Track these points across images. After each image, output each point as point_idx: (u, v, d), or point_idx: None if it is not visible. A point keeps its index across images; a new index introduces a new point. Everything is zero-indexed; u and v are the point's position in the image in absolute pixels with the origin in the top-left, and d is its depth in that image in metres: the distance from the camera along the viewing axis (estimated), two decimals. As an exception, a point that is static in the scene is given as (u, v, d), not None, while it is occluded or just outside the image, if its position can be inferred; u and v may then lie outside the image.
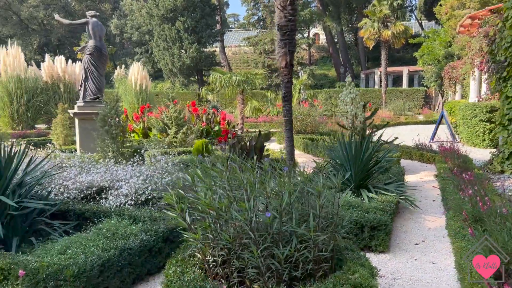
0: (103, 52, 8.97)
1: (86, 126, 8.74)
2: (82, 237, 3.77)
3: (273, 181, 3.12)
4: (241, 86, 13.05)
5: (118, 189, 4.95)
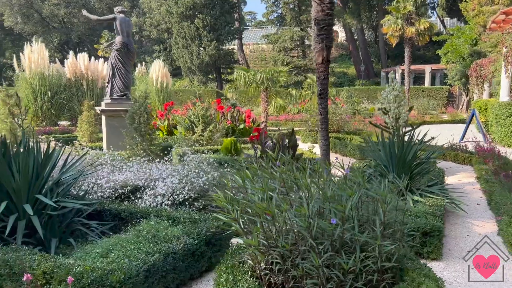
0: (130, 49, 8.87)
1: (113, 123, 8.66)
2: (121, 239, 3.62)
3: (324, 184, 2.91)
4: (265, 83, 12.84)
5: (153, 189, 4.79)
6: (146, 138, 7.40)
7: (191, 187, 4.72)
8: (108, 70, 8.80)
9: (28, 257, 3.09)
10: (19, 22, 43.98)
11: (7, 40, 47.72)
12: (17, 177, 3.71)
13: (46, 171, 3.95)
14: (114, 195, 4.88)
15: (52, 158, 4.02)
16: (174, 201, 4.59)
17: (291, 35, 34.30)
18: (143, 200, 4.70)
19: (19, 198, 3.69)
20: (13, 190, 3.66)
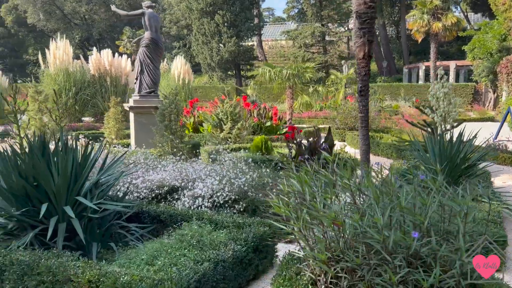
0: (159, 44, 8.71)
1: (141, 120, 8.53)
2: (165, 244, 3.44)
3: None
4: (291, 80, 12.57)
5: (191, 190, 4.60)
6: (176, 136, 7.23)
7: (231, 188, 4.51)
8: (137, 66, 8.66)
9: (71, 264, 2.92)
10: (41, 19, 44.54)
11: (30, 37, 48.43)
12: (57, 178, 3.55)
13: (84, 171, 3.79)
14: (151, 195, 4.71)
15: (90, 157, 3.86)
16: (214, 203, 4.39)
17: (312, 31, 33.83)
18: (182, 201, 4.51)
19: (59, 200, 3.53)
20: (53, 191, 3.50)
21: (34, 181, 3.56)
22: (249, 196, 4.51)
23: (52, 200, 3.55)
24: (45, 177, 3.48)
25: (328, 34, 35.37)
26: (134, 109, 8.44)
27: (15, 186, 3.47)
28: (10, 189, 3.48)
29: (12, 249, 3.18)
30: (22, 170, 3.52)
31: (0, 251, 3.12)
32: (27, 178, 3.53)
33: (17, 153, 3.60)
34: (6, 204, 3.58)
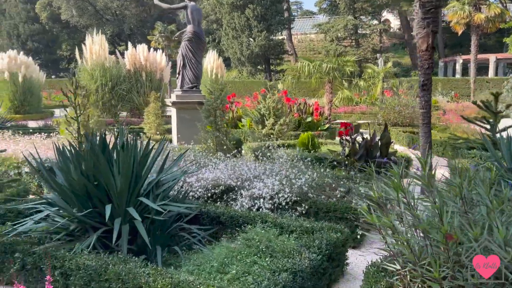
0: (201, 38, 8.53)
1: (183, 116, 8.39)
2: (231, 249, 3.23)
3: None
4: (331, 74, 12.19)
5: (249, 189, 4.37)
6: (221, 132, 7.03)
7: (291, 189, 4.25)
8: (179, 61, 8.51)
9: (140, 271, 2.74)
10: (74, 15, 45.41)
11: (63, 33, 49.50)
12: (117, 177, 3.39)
13: (145, 171, 3.62)
14: (206, 195, 4.51)
15: (150, 156, 3.68)
16: (274, 205, 4.14)
17: (345, 24, 33.10)
18: (239, 202, 4.29)
19: (120, 200, 3.37)
20: (115, 191, 3.34)
21: (95, 180, 3.41)
22: (309, 198, 4.25)
23: (114, 200, 3.39)
24: (107, 176, 3.32)
25: (361, 27, 34.55)
26: (177, 104, 8.30)
27: (76, 185, 3.33)
28: (71, 188, 3.33)
29: (76, 252, 3.04)
30: (82, 168, 3.38)
31: (65, 254, 2.98)
32: (88, 177, 3.38)
33: (77, 150, 3.45)
34: (66, 204, 3.45)
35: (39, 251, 3.05)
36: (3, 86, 17.95)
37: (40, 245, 3.18)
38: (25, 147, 6.82)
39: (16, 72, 18.00)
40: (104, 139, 3.52)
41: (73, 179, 3.35)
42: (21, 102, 18.39)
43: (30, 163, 3.72)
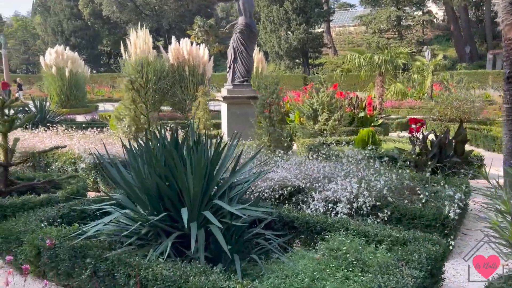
0: (253, 30, 8.23)
1: (234, 111, 8.14)
2: (315, 260, 2.91)
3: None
4: (383, 66, 11.62)
5: (322, 191, 4.03)
6: (276, 128, 6.72)
7: (369, 192, 3.88)
8: (229, 54, 8.24)
9: (224, 284, 2.47)
10: (115, 11, 46.30)
11: (104, 28, 50.63)
12: (191, 179, 3.13)
13: (217, 171, 3.36)
14: (274, 196, 4.21)
15: (222, 155, 3.41)
16: (352, 209, 3.79)
17: (388, 15, 31.97)
18: (312, 205, 3.96)
19: (195, 203, 3.12)
20: (189, 193, 3.09)
21: (166, 181, 3.18)
22: (390, 202, 3.86)
23: (186, 203, 3.14)
24: (180, 176, 3.07)
25: (404, 18, 33.28)
26: (228, 99, 8.05)
27: (149, 186, 3.10)
28: (144, 189, 3.11)
29: (151, 260, 2.80)
30: (154, 168, 3.14)
31: (139, 262, 2.76)
32: (160, 177, 3.14)
33: (149, 147, 3.22)
34: (135, 206, 3.24)
35: (112, 257, 2.84)
36: (51, 81, 18.40)
37: (112, 250, 2.97)
38: (79, 142, 6.77)
39: (63, 67, 18.38)
40: (177, 136, 3.28)
41: (145, 178, 3.13)
42: (67, 97, 18.79)
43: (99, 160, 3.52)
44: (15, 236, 3.36)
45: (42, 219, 3.68)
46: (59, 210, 3.87)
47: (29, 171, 6.29)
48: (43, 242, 3.14)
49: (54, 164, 6.14)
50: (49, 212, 3.80)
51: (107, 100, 26.12)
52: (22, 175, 5.26)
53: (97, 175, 5.83)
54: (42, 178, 5.09)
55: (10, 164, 4.69)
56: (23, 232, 3.35)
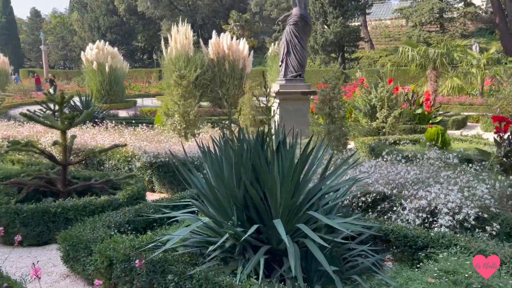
0: (308, 22, 7.79)
1: (287, 107, 7.75)
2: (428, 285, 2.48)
3: None
4: (438, 60, 10.92)
5: (413, 200, 3.58)
6: (337, 126, 6.28)
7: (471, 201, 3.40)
8: (282, 48, 7.84)
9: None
10: (149, 6, 46.61)
11: (139, 24, 51.17)
12: (279, 186, 2.76)
13: (304, 178, 2.97)
14: (355, 203, 3.79)
15: (309, 159, 3.02)
16: (454, 221, 3.32)
17: (430, 7, 30.65)
18: (402, 215, 3.52)
19: (287, 214, 2.75)
20: (278, 202, 2.72)
21: (250, 188, 2.82)
22: (494, 213, 3.37)
23: (273, 213, 2.78)
24: (269, 182, 2.71)
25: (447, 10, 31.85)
26: (280, 94, 7.65)
27: (235, 193, 2.75)
28: (231, 197, 2.76)
29: (242, 280, 2.45)
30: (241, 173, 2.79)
31: (231, 282, 2.40)
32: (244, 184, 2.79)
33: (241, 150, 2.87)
34: (217, 214, 2.89)
35: (198, 275, 2.50)
36: (91, 76, 18.53)
37: (194, 266, 2.64)
38: (130, 139, 6.54)
39: (103, 62, 18.46)
40: (263, 138, 2.91)
41: (228, 183, 2.78)
42: (107, 92, 18.87)
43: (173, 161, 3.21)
44: (84, 244, 3.10)
45: (109, 225, 3.41)
46: (125, 215, 3.59)
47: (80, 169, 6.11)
48: (116, 253, 2.85)
49: (108, 163, 5.93)
50: (115, 217, 3.53)
51: (144, 95, 26.26)
52: (78, 174, 5.06)
53: (152, 175, 5.57)
54: (99, 178, 4.86)
55: (69, 163, 4.47)
56: (93, 241, 3.08)
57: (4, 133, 7.47)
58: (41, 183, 4.32)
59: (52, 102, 7.72)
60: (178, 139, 6.59)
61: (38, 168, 4.76)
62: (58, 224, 3.89)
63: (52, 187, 4.41)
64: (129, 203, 4.28)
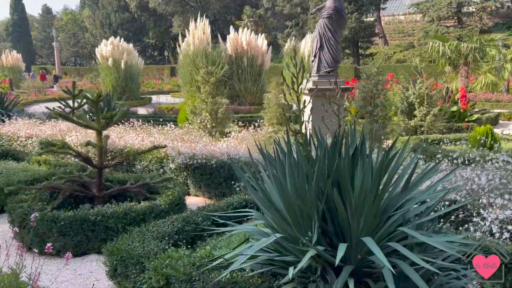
0: (342, 15, 7.37)
1: (319, 105, 7.35)
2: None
3: None
4: (470, 55, 10.47)
5: (494, 210, 3.20)
6: (380, 125, 5.90)
7: None
8: (315, 42, 7.45)
9: None
10: (161, 3, 46.36)
11: (150, 21, 50.98)
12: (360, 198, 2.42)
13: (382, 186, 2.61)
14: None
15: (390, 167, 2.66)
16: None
17: (449, 2, 29.95)
18: (480, 226, 3.15)
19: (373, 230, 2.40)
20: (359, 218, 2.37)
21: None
22: None
23: (354, 229, 2.43)
24: (351, 194, 2.36)
25: (466, 4, 31.11)
26: (313, 91, 7.25)
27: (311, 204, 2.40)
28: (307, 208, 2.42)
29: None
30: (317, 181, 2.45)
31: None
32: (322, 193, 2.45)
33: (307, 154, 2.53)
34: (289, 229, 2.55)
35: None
36: (107, 72, 18.30)
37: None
38: (159, 138, 6.22)
39: (119, 58, 18.20)
40: (341, 140, 2.56)
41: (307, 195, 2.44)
42: (122, 88, 18.62)
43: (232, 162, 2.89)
44: (135, 259, 2.77)
45: (159, 235, 3.09)
46: (173, 224, 3.27)
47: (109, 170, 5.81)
48: (174, 271, 2.53)
49: (139, 164, 5.62)
50: (163, 227, 3.21)
51: (158, 92, 26.01)
52: (111, 177, 4.75)
53: (187, 177, 5.25)
54: (134, 181, 4.55)
55: (106, 165, 4.16)
56: (145, 256, 2.76)
57: (27, 132, 7.20)
58: (77, 188, 4.02)
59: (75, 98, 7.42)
60: (210, 139, 6.26)
61: (69, 171, 4.45)
62: (97, 233, 3.58)
63: (87, 191, 4.11)
64: (170, 209, 3.97)
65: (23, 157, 5.96)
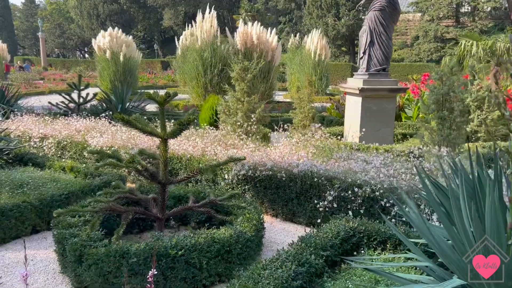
0: (397, 7, 6.72)
1: (370, 106, 6.70)
2: None
3: None
4: (505, 55, 9.95)
5: None
6: (457, 133, 5.24)
7: None
8: (364, 37, 6.77)
9: None
10: (151, -5, 45.07)
11: (140, 13, 49.55)
12: None
13: None
14: None
15: None
16: None
17: (450, 1, 29.67)
18: None
19: None
20: None
21: None
22: None
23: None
24: None
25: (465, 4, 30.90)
26: (364, 91, 6.59)
27: None
28: None
29: None
30: None
31: None
32: None
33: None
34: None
35: None
36: (105, 65, 17.27)
37: None
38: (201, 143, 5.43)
39: (117, 51, 17.19)
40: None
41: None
42: (121, 83, 17.60)
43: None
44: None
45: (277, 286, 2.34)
46: (290, 269, 2.51)
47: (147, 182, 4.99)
48: None
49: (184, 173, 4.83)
50: (277, 271, 2.45)
51: (152, 87, 24.98)
52: (164, 191, 3.95)
53: (247, 191, 4.49)
54: (193, 196, 3.78)
55: (171, 181, 3.37)
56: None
57: (41, 132, 6.31)
58: (139, 210, 3.22)
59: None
60: (256, 144, 5.49)
61: (116, 184, 3.64)
62: (177, 272, 2.81)
63: (149, 213, 3.32)
64: (255, 236, 3.22)
65: (43, 162, 5.10)
